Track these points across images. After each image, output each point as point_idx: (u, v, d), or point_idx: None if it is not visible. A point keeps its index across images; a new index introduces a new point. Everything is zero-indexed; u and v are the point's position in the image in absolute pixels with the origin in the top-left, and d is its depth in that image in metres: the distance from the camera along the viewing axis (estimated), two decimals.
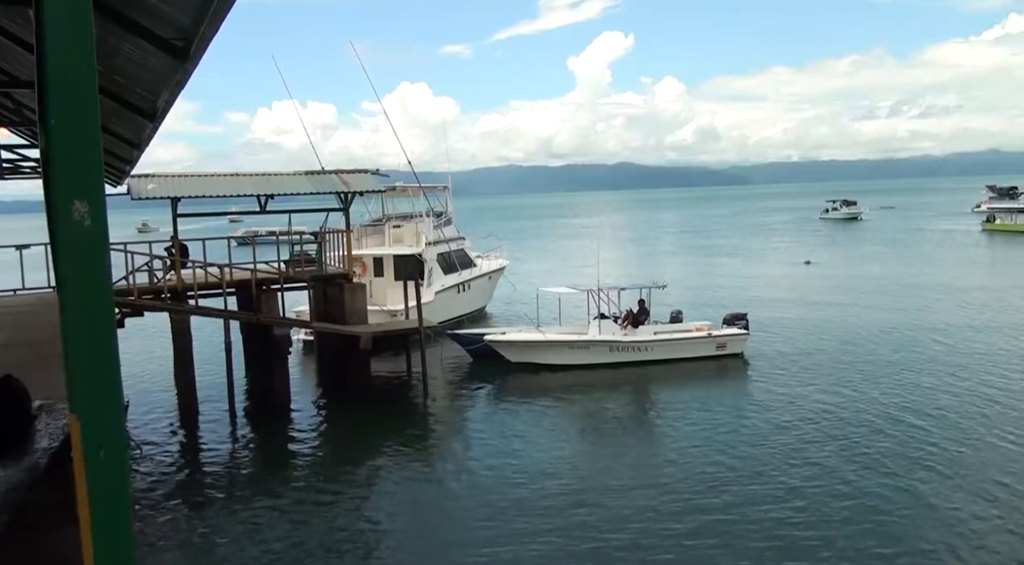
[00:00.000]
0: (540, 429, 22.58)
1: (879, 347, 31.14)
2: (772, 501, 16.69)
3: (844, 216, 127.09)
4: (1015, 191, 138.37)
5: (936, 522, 15.48)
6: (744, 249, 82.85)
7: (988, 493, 16.74)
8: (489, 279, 42.86)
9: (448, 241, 39.53)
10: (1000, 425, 21.16)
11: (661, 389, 27.11)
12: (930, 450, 19.40)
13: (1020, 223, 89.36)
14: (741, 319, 30.86)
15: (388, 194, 40.13)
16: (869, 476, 17.88)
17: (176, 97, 9.42)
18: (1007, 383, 25.44)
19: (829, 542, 14.76)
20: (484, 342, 29.61)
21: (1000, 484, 17.18)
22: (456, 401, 26.43)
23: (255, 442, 23.05)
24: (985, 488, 17.00)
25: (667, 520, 15.99)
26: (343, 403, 25.69)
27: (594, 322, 29.80)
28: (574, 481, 18.36)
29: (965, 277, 52.95)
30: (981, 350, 30.23)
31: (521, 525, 16.02)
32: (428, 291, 35.00)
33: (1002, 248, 74.50)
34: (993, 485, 17.14)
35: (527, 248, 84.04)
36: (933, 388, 24.97)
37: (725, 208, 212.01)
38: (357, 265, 34.15)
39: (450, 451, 21.63)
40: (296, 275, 26.82)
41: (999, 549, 14.31)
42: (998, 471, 17.96)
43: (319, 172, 29.13)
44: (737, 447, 20.14)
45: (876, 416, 22.28)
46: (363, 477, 19.52)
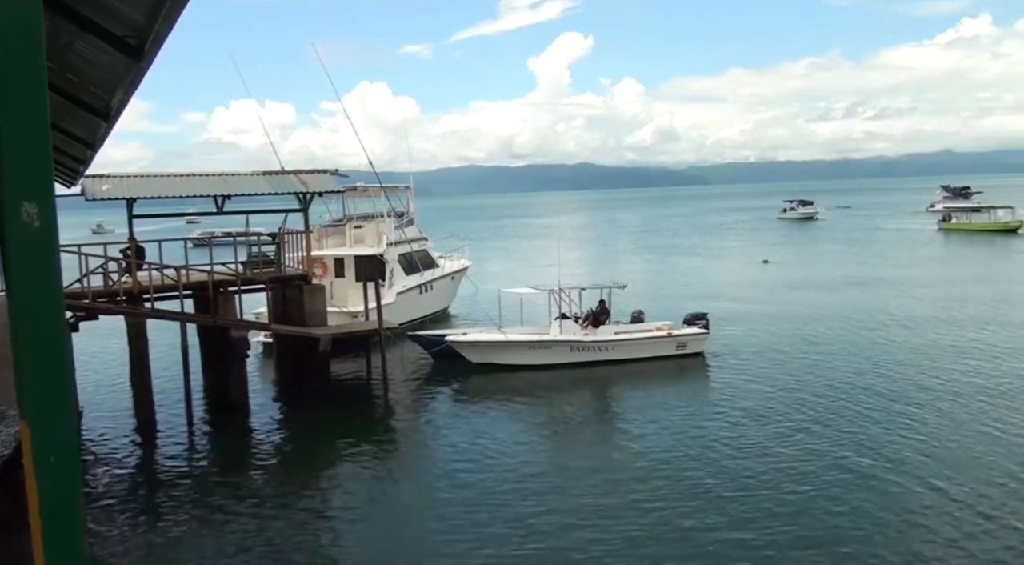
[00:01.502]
0: (501, 429, 22.56)
1: (839, 345, 31.56)
2: (732, 498, 16.83)
3: (801, 216, 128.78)
4: (968, 191, 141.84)
5: (893, 514, 15.71)
6: (703, 249, 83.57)
7: (947, 485, 17.03)
8: (451, 280, 42.77)
9: (410, 241, 39.38)
10: (958, 418, 21.59)
11: (622, 388, 27.23)
12: (888, 445, 19.69)
13: (975, 222, 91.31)
14: (701, 318, 31.10)
15: (349, 194, 39.87)
16: (829, 471, 18.10)
17: (131, 96, 9.29)
18: (966, 377, 25.94)
19: (789, 536, 14.92)
20: (445, 343, 29.54)
21: (959, 476, 17.49)
22: (417, 402, 26.33)
23: (212, 446, 22.77)
24: (944, 480, 17.29)
25: (628, 517, 16.06)
26: (302, 406, 25.47)
27: (555, 322, 29.86)
28: (535, 480, 18.37)
29: (923, 275, 53.99)
30: (941, 346, 30.80)
31: (482, 524, 15.99)
32: (390, 292, 34.85)
33: (958, 247, 76.11)
34: (952, 478, 17.45)
35: (489, 248, 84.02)
36: (891, 384, 25.36)
37: (684, 208, 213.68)
38: (318, 266, 33.90)
39: (411, 452, 21.56)
40: (254, 277, 26.55)
41: (958, 539, 14.56)
42: (957, 464, 18.28)
43: (277, 172, 28.85)
44: (697, 445, 20.28)
45: (835, 413, 22.57)
46: (322, 480, 19.39)
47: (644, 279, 53.07)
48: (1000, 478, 17.44)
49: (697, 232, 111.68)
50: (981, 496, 16.51)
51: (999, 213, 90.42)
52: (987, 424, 21.13)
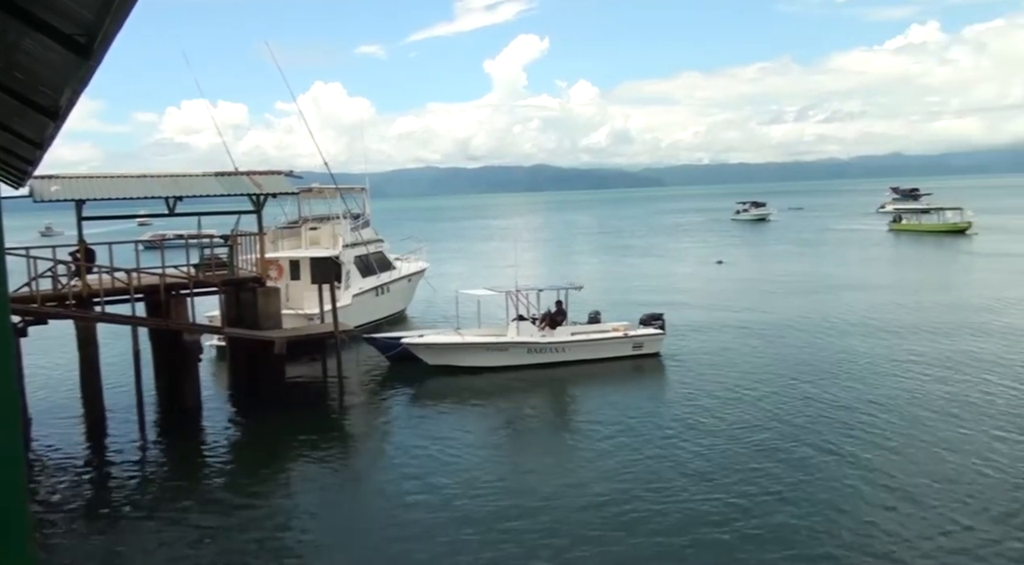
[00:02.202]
0: (458, 432, 22.49)
1: (793, 345, 31.97)
2: (689, 498, 16.95)
3: (754, 217, 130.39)
4: (916, 192, 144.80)
5: (848, 511, 15.92)
6: (659, 250, 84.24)
7: (900, 482, 17.32)
8: (408, 282, 42.58)
9: (366, 243, 39.13)
10: (911, 415, 21.96)
11: (579, 390, 27.31)
12: (842, 442, 19.96)
13: (924, 223, 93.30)
14: (657, 319, 31.32)
15: (304, 196, 39.50)
16: (784, 469, 18.29)
17: (80, 95, 9.11)
18: (917, 374, 26.42)
19: (746, 533, 15.06)
20: (402, 345, 29.38)
21: (913, 473, 17.80)
22: (373, 406, 26.16)
23: (165, 452, 22.41)
24: (898, 477, 17.59)
25: (587, 519, 16.09)
26: (257, 410, 25.18)
27: (513, 324, 29.87)
28: (492, 483, 18.32)
29: (875, 275, 54.94)
30: (893, 344, 31.37)
31: (439, 528, 15.92)
32: (346, 294, 34.60)
33: (908, 247, 77.66)
34: (906, 474, 17.75)
35: (447, 250, 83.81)
36: (844, 382, 25.72)
37: (639, 209, 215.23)
38: (273, 268, 33.55)
39: (367, 456, 21.41)
40: (207, 279, 26.19)
41: (908, 538, 14.80)
42: (910, 460, 18.60)
43: (230, 173, 28.48)
44: (654, 445, 20.39)
45: (790, 411, 22.84)
46: (277, 485, 19.17)
47: (601, 280, 53.31)
48: (953, 474, 17.77)
49: (652, 233, 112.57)
50: (933, 492, 16.82)
51: (948, 214, 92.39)
52: (940, 420, 21.53)
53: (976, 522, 15.31)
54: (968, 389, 24.56)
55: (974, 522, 15.31)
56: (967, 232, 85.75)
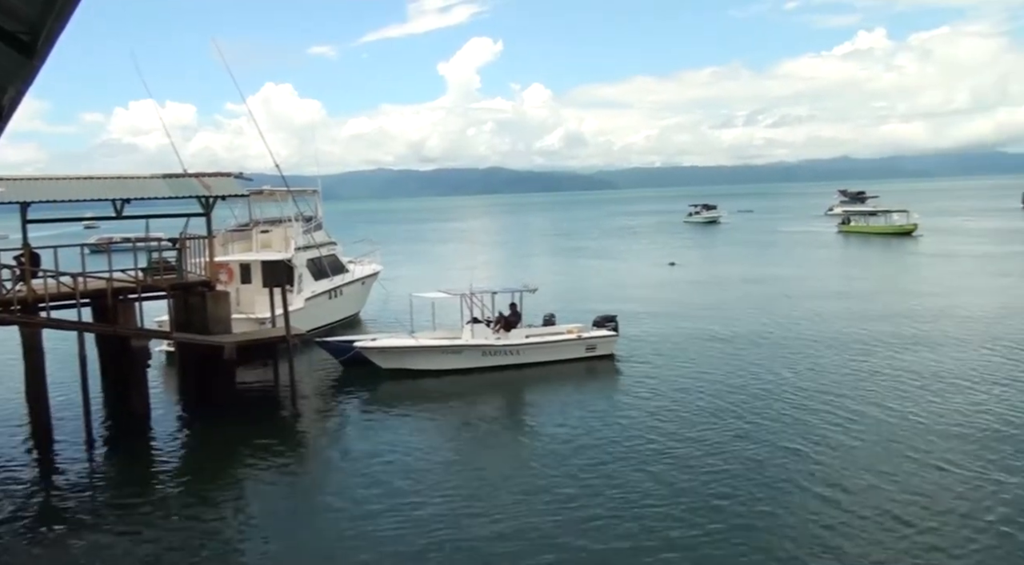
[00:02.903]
0: (413, 436, 22.36)
1: (745, 345, 32.31)
2: (643, 499, 17.00)
3: (705, 220, 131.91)
4: (863, 195, 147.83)
5: (799, 509, 16.10)
6: (612, 252, 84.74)
7: (847, 481, 17.55)
8: (362, 285, 42.29)
9: (319, 246, 38.78)
10: (862, 413, 22.27)
11: (533, 392, 27.34)
12: (794, 440, 20.19)
13: (872, 225, 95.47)
14: (611, 321, 31.45)
15: (255, 198, 39.04)
16: (737, 470, 18.44)
17: (24, 95, 8.88)
18: (868, 371, 26.91)
19: (700, 533, 15.15)
20: (355, 349, 29.16)
21: (861, 471, 18.07)
22: (326, 411, 25.90)
23: (113, 461, 21.92)
24: (845, 476, 17.84)
25: (540, 520, 16.07)
26: (207, 416, 24.79)
27: (467, 326, 29.81)
28: (447, 487, 18.23)
29: (825, 276, 55.96)
30: (844, 343, 31.87)
31: (395, 534, 15.80)
32: (298, 298, 34.27)
33: (856, 249, 79.33)
34: (853, 473, 18.01)
35: (401, 252, 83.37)
36: (796, 381, 26.04)
37: (593, 212, 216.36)
38: (223, 272, 33.13)
39: (320, 462, 21.18)
40: (155, 283, 25.74)
41: (856, 540, 15.00)
42: (859, 459, 18.86)
43: (179, 175, 28.03)
44: (607, 447, 20.45)
45: (742, 411, 23.05)
46: (228, 493, 18.88)
47: (555, 282, 53.43)
48: (904, 470, 18.06)
49: (606, 235, 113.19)
50: (883, 489, 17.08)
51: (894, 217, 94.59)
52: (890, 417, 21.90)
53: (930, 519, 15.58)
54: (916, 383, 25.05)
55: (929, 519, 15.58)
56: (913, 234, 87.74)
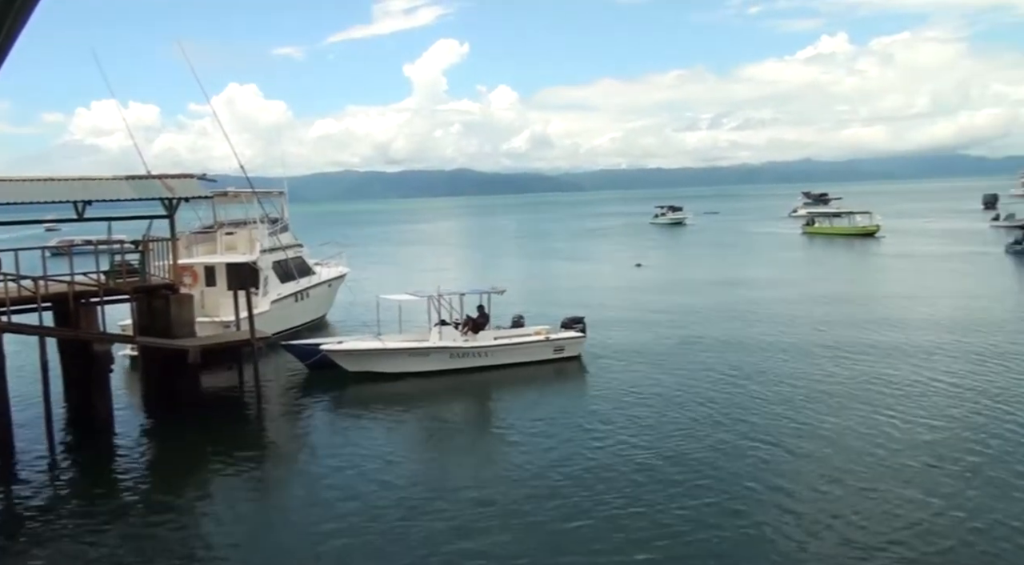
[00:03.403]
0: (379, 439, 22.20)
1: (712, 346, 32.46)
2: (610, 501, 16.97)
3: (671, 221, 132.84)
4: (825, 197, 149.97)
5: (765, 511, 16.16)
6: (580, 253, 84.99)
7: (809, 479, 17.67)
8: (329, 287, 41.98)
9: (285, 248, 38.43)
10: (824, 410, 22.47)
11: (501, 394, 27.28)
12: (761, 442, 20.26)
13: (836, 227, 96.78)
14: (578, 322, 31.47)
15: (220, 200, 38.64)
16: (705, 472, 18.47)
17: None
18: (834, 371, 27.13)
19: (667, 536, 15.15)
20: (321, 352, 28.89)
21: (823, 469, 18.19)
22: (292, 415, 25.63)
23: (76, 468, 21.50)
24: (805, 474, 17.95)
25: (507, 523, 16.00)
26: (171, 421, 24.45)
27: (435, 329, 29.68)
28: (415, 491, 18.08)
29: (791, 277, 56.57)
30: (811, 344, 32.19)
31: (363, 539, 15.66)
32: (264, 301, 33.93)
33: (821, 250, 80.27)
34: (814, 471, 18.13)
35: (367, 255, 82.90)
36: (763, 382, 26.16)
37: (560, 213, 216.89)
38: (188, 274, 32.73)
39: (286, 467, 20.95)
40: (117, 287, 25.35)
41: (827, 540, 15.10)
42: (826, 463, 18.99)
43: (142, 177, 27.64)
44: (575, 449, 20.41)
45: (709, 412, 23.12)
46: (194, 498, 18.60)
47: (523, 284, 53.40)
48: (872, 471, 18.21)
49: (573, 237, 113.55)
50: (845, 492, 17.21)
51: (857, 218, 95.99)
52: (851, 418, 22.06)
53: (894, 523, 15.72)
54: (878, 384, 25.32)
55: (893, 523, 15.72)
56: (875, 235, 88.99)
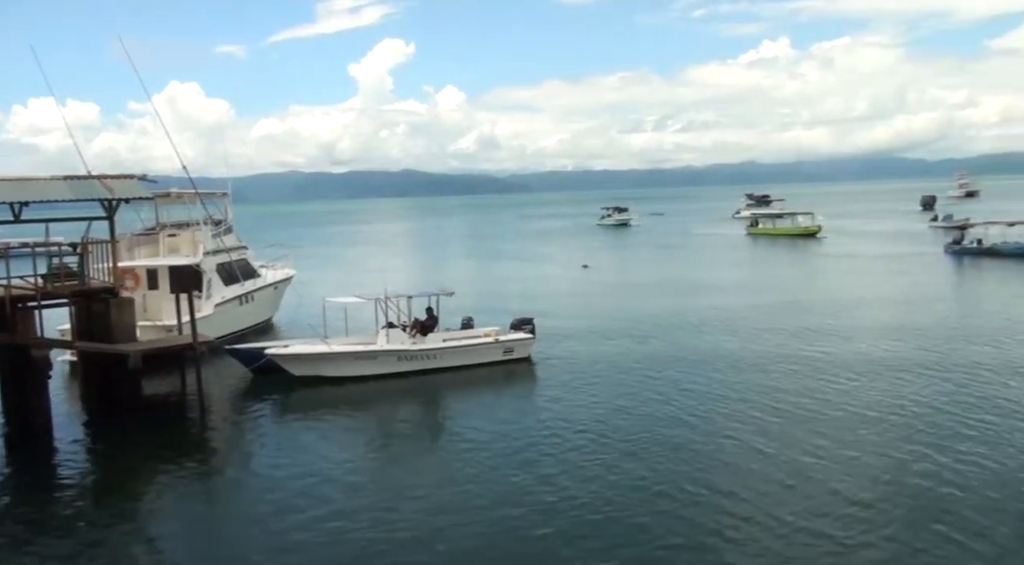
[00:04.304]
0: (326, 445, 21.88)
1: (659, 345, 32.76)
2: (558, 503, 16.96)
3: (617, 222, 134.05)
4: (768, 198, 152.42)
5: (713, 518, 16.28)
6: (528, 254, 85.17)
7: (756, 478, 17.85)
8: (274, 290, 41.45)
9: (229, 250, 37.86)
10: (765, 407, 22.78)
11: (450, 397, 27.18)
12: (707, 443, 20.44)
13: (779, 227, 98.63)
14: (528, 323, 31.47)
15: (162, 201, 37.95)
16: (649, 470, 18.57)
17: None
18: (773, 366, 27.56)
19: (616, 539, 15.19)
20: (266, 357, 28.45)
21: (768, 468, 18.41)
22: (236, 421, 25.22)
23: (12, 476, 20.86)
24: (751, 474, 18.14)
25: (455, 526, 15.92)
26: (112, 428, 23.87)
27: (382, 331, 29.44)
28: (363, 497, 17.90)
29: (736, 276, 57.51)
30: (755, 342, 32.75)
31: (307, 545, 15.43)
32: (207, 304, 33.38)
33: (765, 250, 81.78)
34: (760, 470, 18.33)
35: (314, 256, 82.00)
36: (710, 381, 26.44)
37: (508, 215, 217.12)
38: (129, 277, 32.12)
39: (230, 475, 20.57)
40: (55, 290, 24.70)
41: (771, 543, 15.25)
42: (766, 456, 19.20)
43: (80, 177, 26.96)
44: (525, 451, 20.39)
45: (655, 410, 23.32)
46: (135, 507, 18.19)
47: (472, 285, 53.27)
48: (819, 473, 18.46)
49: (521, 238, 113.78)
50: (794, 488, 17.43)
51: (800, 219, 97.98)
52: (797, 409, 22.47)
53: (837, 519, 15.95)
54: (819, 378, 25.85)
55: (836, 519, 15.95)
56: (817, 235, 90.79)
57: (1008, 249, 62.49)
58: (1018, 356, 28.76)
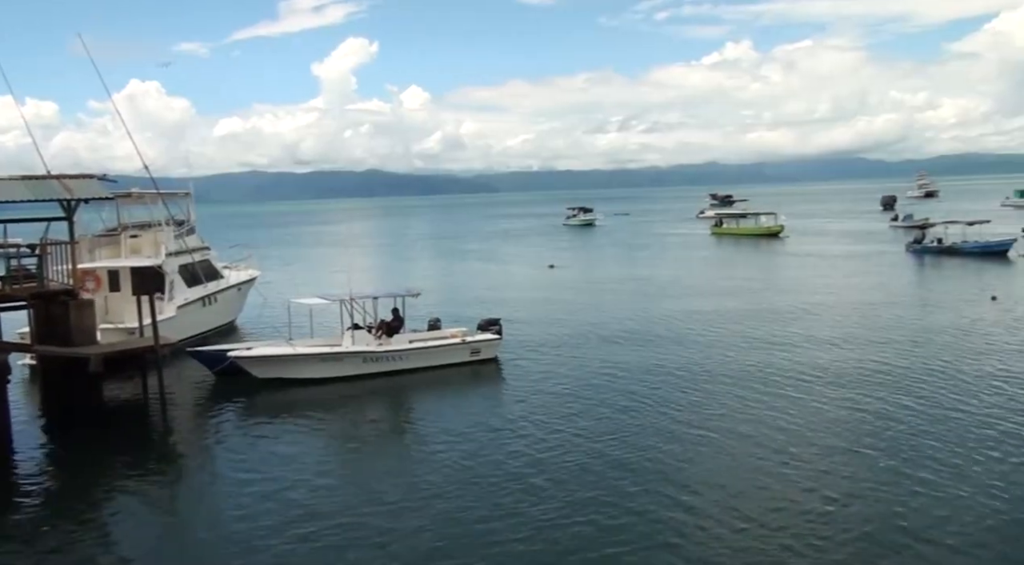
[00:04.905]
0: (291, 449, 21.60)
1: (627, 345, 32.84)
2: (525, 503, 16.89)
3: (582, 222, 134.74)
4: (730, 199, 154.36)
5: (681, 512, 16.29)
6: (495, 254, 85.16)
7: (723, 480, 17.91)
8: (238, 291, 40.98)
9: (191, 251, 37.36)
10: (738, 406, 22.85)
11: (416, 398, 27.05)
12: (673, 444, 20.45)
13: (743, 227, 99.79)
14: (494, 324, 31.39)
15: (123, 201, 37.37)
16: (619, 472, 18.54)
17: None
18: (745, 366, 27.70)
19: (583, 538, 15.16)
20: (229, 359, 28.09)
21: (736, 471, 18.49)
22: (199, 425, 24.86)
23: None
24: (731, 479, 18.20)
25: (422, 530, 15.78)
26: (72, 433, 23.41)
27: (348, 333, 29.19)
28: (328, 500, 17.67)
29: (701, 275, 58.12)
30: (723, 340, 32.94)
31: (271, 551, 15.22)
32: (170, 306, 32.93)
33: (729, 250, 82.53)
34: (728, 472, 18.41)
35: (278, 257, 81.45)
36: (677, 380, 26.52)
37: (473, 215, 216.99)
38: (91, 279, 31.63)
39: (192, 479, 20.26)
40: (14, 293, 24.19)
41: (727, 539, 15.31)
42: (733, 458, 19.30)
43: (38, 177, 26.44)
44: (493, 450, 20.33)
45: (622, 410, 23.32)
46: (97, 513, 17.80)
47: (438, 286, 53.12)
48: (783, 472, 18.57)
49: (487, 238, 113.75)
50: (757, 490, 17.52)
51: (763, 219, 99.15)
52: (764, 409, 22.55)
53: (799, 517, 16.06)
54: (783, 376, 26.18)
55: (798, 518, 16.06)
56: (780, 235, 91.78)
57: (967, 248, 63.77)
58: (977, 352, 29.23)
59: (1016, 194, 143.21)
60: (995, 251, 62.06)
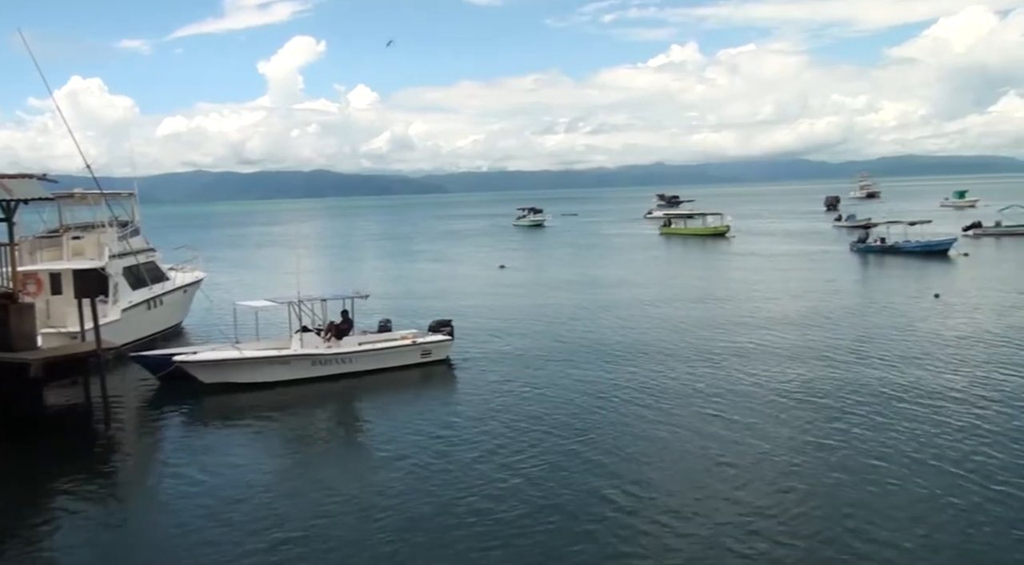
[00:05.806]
0: (238, 455, 21.26)
1: (577, 345, 32.90)
2: (477, 505, 16.82)
3: (532, 223, 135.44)
4: (677, 199, 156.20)
5: (639, 513, 16.36)
6: (445, 255, 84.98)
7: (676, 482, 18.03)
8: (184, 293, 40.28)
9: (136, 253, 36.63)
10: (685, 405, 22.95)
11: (366, 401, 26.82)
12: (623, 445, 20.52)
13: (691, 227, 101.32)
14: (446, 325, 31.27)
15: (66, 202, 36.53)
16: (570, 476, 18.58)
17: None
18: (691, 363, 28.00)
19: (538, 538, 15.15)
20: (174, 363, 27.57)
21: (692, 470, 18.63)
22: (143, 431, 24.38)
23: None
24: (671, 476, 18.33)
25: (376, 531, 15.64)
26: (10, 441, 22.71)
27: (296, 336, 28.84)
28: (278, 506, 17.40)
29: (651, 274, 59.29)
30: (675, 338, 33.22)
31: (222, 556, 14.96)
32: (114, 309, 32.25)
33: (677, 249, 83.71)
34: (690, 469, 18.55)
35: (224, 259, 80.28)
36: (629, 379, 26.59)
37: (423, 215, 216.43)
38: (32, 282, 30.90)
39: (136, 487, 19.79)
40: None
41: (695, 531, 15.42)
42: (688, 457, 19.44)
43: None
44: (445, 452, 20.22)
45: (572, 414, 23.31)
46: (37, 524, 17.29)
47: (388, 287, 52.83)
48: (736, 463, 18.75)
49: (437, 239, 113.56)
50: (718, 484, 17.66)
51: (709, 219, 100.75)
52: (715, 408, 22.74)
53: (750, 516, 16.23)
54: (735, 369, 26.53)
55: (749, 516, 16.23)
56: (726, 235, 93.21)
57: (909, 247, 65.47)
58: (924, 350, 29.86)
59: (955, 195, 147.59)
60: (936, 250, 63.84)
